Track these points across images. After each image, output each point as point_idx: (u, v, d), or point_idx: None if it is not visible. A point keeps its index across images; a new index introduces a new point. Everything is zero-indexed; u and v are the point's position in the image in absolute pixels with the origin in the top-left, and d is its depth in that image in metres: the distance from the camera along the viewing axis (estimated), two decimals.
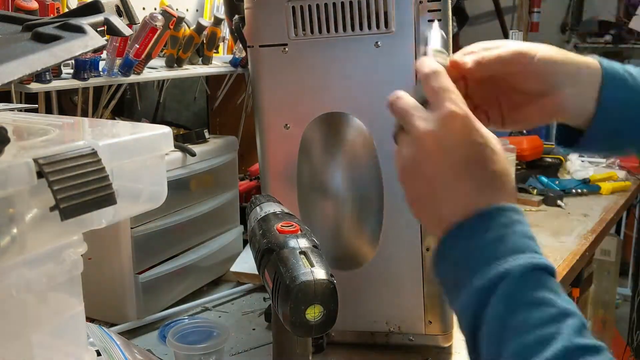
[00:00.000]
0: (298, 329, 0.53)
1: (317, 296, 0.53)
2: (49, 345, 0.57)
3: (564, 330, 0.44)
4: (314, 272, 0.54)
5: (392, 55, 0.81)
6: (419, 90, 0.56)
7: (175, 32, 1.13)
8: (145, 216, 0.99)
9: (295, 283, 0.52)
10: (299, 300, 0.52)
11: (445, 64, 0.59)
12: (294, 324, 0.53)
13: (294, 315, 0.53)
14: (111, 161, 0.49)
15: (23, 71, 0.42)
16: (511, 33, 3.26)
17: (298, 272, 0.54)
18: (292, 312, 0.53)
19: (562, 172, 1.98)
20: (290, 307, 0.52)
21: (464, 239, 0.50)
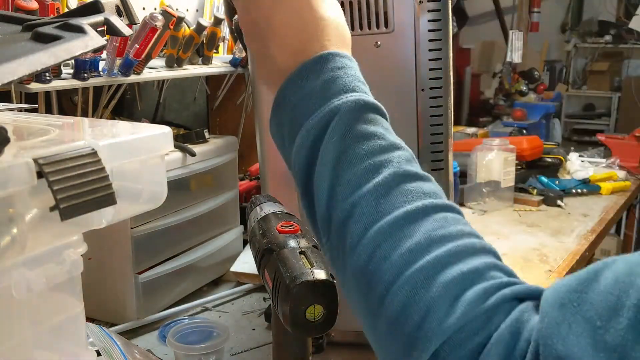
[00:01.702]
0: (298, 329, 0.53)
1: (317, 296, 0.53)
2: (49, 345, 0.57)
3: (393, 159, 0.46)
4: (314, 272, 0.54)
5: (392, 55, 0.81)
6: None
7: (175, 32, 1.13)
8: (145, 216, 0.99)
9: (295, 283, 0.52)
10: (299, 300, 0.52)
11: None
12: (294, 324, 0.53)
13: (294, 315, 0.53)
14: (111, 161, 0.49)
15: (23, 71, 0.42)
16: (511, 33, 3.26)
17: (298, 272, 0.54)
18: (292, 312, 0.52)
19: (562, 172, 1.98)
20: (290, 307, 0.52)
21: (299, 84, 0.51)
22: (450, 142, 0.85)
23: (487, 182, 1.66)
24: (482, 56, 4.70)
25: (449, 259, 0.40)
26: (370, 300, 0.43)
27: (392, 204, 0.44)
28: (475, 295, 0.38)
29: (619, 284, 0.33)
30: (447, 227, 0.43)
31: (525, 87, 3.66)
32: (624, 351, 0.31)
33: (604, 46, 5.03)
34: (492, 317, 0.38)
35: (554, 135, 3.70)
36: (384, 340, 0.42)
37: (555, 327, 0.34)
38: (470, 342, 0.37)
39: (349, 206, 0.45)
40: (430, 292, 0.39)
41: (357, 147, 0.47)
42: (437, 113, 0.83)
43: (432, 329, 0.38)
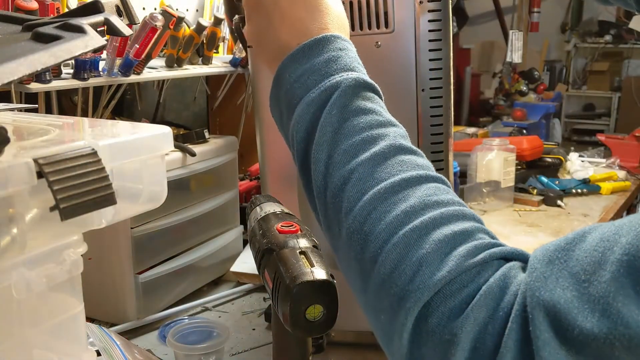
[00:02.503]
0: (298, 329, 0.53)
1: (317, 296, 0.53)
2: (49, 345, 0.57)
3: (389, 134, 0.49)
4: (314, 272, 0.54)
5: (393, 55, 0.81)
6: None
7: (175, 32, 1.13)
8: (145, 216, 0.99)
9: (295, 283, 0.52)
10: (299, 300, 0.52)
11: None
12: (294, 324, 0.53)
13: (294, 315, 0.53)
14: (111, 161, 0.49)
15: (23, 71, 0.42)
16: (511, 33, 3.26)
17: (298, 272, 0.54)
18: (292, 312, 0.52)
19: (562, 172, 1.98)
20: (290, 307, 0.52)
21: (300, 61, 0.53)
22: (450, 142, 0.85)
23: (487, 182, 1.66)
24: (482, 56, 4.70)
25: (441, 220, 0.42)
26: (363, 260, 0.45)
27: (388, 171, 0.46)
28: (466, 251, 0.40)
29: (604, 242, 0.35)
30: (439, 195, 0.45)
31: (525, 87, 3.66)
32: (607, 302, 0.33)
33: (604, 46, 5.03)
34: (481, 271, 0.40)
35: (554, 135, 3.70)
36: (376, 299, 0.44)
37: (543, 280, 0.36)
38: (460, 294, 0.39)
39: (346, 172, 0.47)
40: (422, 248, 0.41)
41: (355, 120, 0.49)
42: (437, 113, 0.83)
43: (424, 281, 0.40)
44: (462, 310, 0.39)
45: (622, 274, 0.33)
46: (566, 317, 0.34)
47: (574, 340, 0.34)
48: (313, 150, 0.50)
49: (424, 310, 0.40)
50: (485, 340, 0.37)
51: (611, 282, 0.33)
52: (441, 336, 0.39)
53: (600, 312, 0.33)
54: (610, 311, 0.33)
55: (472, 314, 0.38)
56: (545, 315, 0.35)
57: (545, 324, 0.35)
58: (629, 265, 0.33)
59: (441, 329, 0.39)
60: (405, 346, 0.41)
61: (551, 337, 0.34)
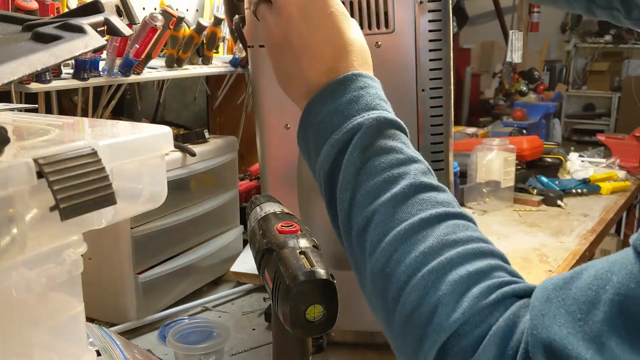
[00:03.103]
0: (298, 329, 0.53)
1: (317, 296, 0.53)
2: (49, 345, 0.57)
3: (410, 172, 0.50)
4: (314, 272, 0.54)
5: (393, 55, 0.81)
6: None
7: (175, 32, 1.13)
8: (145, 216, 0.99)
9: (295, 283, 0.52)
10: (299, 300, 0.52)
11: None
12: (294, 324, 0.53)
13: (294, 315, 0.53)
14: (111, 161, 0.49)
15: (23, 71, 0.42)
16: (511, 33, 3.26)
17: (298, 272, 0.54)
18: (292, 312, 0.52)
19: (562, 172, 1.98)
20: (290, 307, 0.52)
21: (325, 102, 0.54)
22: (450, 142, 0.85)
23: (487, 182, 1.66)
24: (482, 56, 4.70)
25: (457, 260, 0.44)
26: (387, 301, 0.46)
27: (408, 211, 0.47)
28: (479, 291, 0.42)
29: (597, 280, 0.36)
30: (457, 232, 0.46)
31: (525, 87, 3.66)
32: (600, 341, 0.34)
33: (604, 46, 5.03)
34: (493, 311, 0.41)
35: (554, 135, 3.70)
36: (400, 337, 0.45)
37: (541, 318, 0.37)
38: (473, 334, 0.40)
39: (369, 214, 0.49)
40: (439, 290, 0.42)
41: (376, 160, 0.50)
42: (437, 113, 0.83)
43: (441, 323, 0.42)
44: (474, 350, 0.40)
45: (614, 314, 0.34)
46: (562, 354, 0.35)
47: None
48: (337, 190, 0.52)
49: (441, 351, 0.41)
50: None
51: (604, 322, 0.34)
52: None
53: (595, 350, 0.34)
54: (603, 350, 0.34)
55: (484, 353, 0.39)
56: (543, 352, 0.36)
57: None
58: (620, 305, 0.34)
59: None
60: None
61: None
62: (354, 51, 0.57)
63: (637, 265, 0.35)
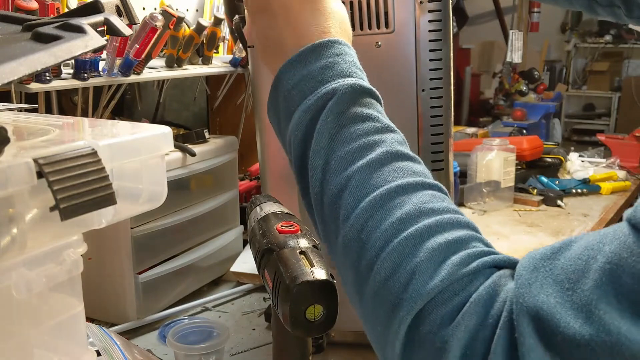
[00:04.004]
0: (298, 329, 0.53)
1: (317, 296, 0.53)
2: (49, 345, 0.57)
3: (386, 140, 0.48)
4: (314, 272, 0.54)
5: (393, 55, 0.81)
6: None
7: (175, 32, 1.13)
8: (145, 216, 0.99)
9: (295, 283, 0.52)
10: (299, 300, 0.52)
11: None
12: (294, 324, 0.53)
13: (294, 315, 0.53)
14: (111, 161, 0.49)
15: (23, 71, 0.42)
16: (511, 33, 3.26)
17: (298, 272, 0.54)
18: (292, 312, 0.52)
19: (562, 172, 1.98)
20: (290, 307, 0.52)
21: (298, 67, 0.53)
22: (450, 142, 0.85)
23: (487, 182, 1.66)
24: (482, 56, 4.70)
25: (436, 228, 0.43)
26: (360, 268, 0.45)
27: (384, 178, 0.46)
28: (459, 259, 0.41)
29: (588, 251, 0.36)
30: (435, 202, 0.45)
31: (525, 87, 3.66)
32: (589, 310, 0.33)
33: (604, 46, 5.03)
34: (472, 280, 0.40)
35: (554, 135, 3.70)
36: (372, 306, 0.44)
37: (527, 287, 0.36)
38: (451, 302, 0.40)
39: (343, 180, 0.47)
40: (416, 257, 0.41)
41: (352, 127, 0.49)
42: (437, 113, 0.83)
43: (418, 290, 0.40)
44: (453, 318, 0.39)
45: (604, 282, 0.33)
46: (549, 323, 0.34)
47: (557, 346, 0.34)
48: (310, 157, 0.50)
49: (416, 319, 0.40)
50: (475, 348, 0.37)
51: (594, 289, 0.34)
52: (432, 344, 0.39)
53: (583, 319, 0.33)
54: (592, 319, 0.33)
55: (463, 321, 0.38)
56: (529, 321, 0.35)
57: (530, 329, 0.35)
58: (611, 273, 0.33)
59: (432, 336, 0.39)
60: (397, 354, 0.41)
61: (536, 343, 0.35)
62: (333, 18, 0.55)
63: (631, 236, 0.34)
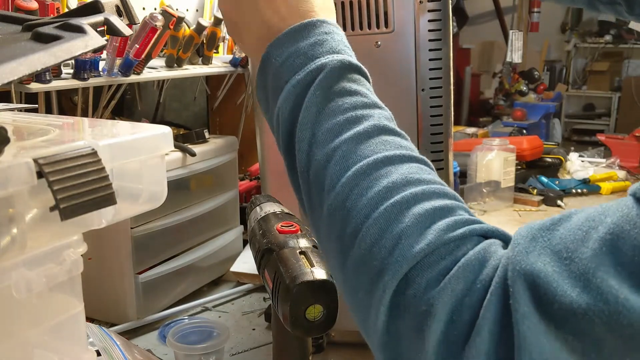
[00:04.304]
0: (298, 329, 0.53)
1: (317, 296, 0.53)
2: (49, 345, 0.57)
3: (374, 115, 0.49)
4: (314, 272, 0.54)
5: (393, 55, 0.81)
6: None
7: (175, 32, 1.13)
8: (145, 216, 0.99)
9: (295, 283, 0.52)
10: (299, 300, 0.52)
11: None
12: (294, 324, 0.53)
13: (294, 315, 0.53)
14: (111, 161, 0.49)
15: (23, 71, 0.42)
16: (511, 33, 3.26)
17: (298, 272, 0.54)
18: (292, 312, 0.53)
19: (562, 172, 1.98)
20: (290, 307, 0.52)
21: (286, 44, 0.53)
22: (450, 142, 0.85)
23: (487, 182, 1.66)
24: (482, 56, 4.70)
25: (422, 196, 0.43)
26: (344, 237, 0.45)
27: (371, 149, 0.46)
28: (446, 225, 0.40)
29: (589, 222, 0.35)
30: (421, 173, 0.45)
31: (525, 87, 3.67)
32: (587, 278, 0.33)
33: (604, 46, 5.03)
34: (459, 245, 0.40)
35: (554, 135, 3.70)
36: (355, 275, 0.44)
37: (524, 254, 0.36)
38: (438, 266, 0.39)
39: (330, 151, 0.47)
40: (402, 222, 0.41)
41: (340, 100, 0.49)
42: (437, 113, 0.83)
43: (403, 254, 0.40)
44: (439, 281, 0.39)
45: (604, 251, 0.33)
46: (546, 291, 0.34)
47: (553, 315, 0.34)
48: (297, 130, 0.50)
49: (401, 283, 0.40)
50: (461, 312, 0.37)
51: (592, 258, 0.33)
52: (417, 308, 0.39)
53: (581, 287, 0.33)
54: (590, 287, 0.32)
55: (450, 285, 0.38)
56: (525, 288, 0.35)
57: (526, 296, 0.34)
58: (612, 244, 0.33)
59: (418, 300, 0.39)
60: (381, 321, 0.41)
61: (531, 311, 0.34)
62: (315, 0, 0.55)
63: (635, 209, 0.34)
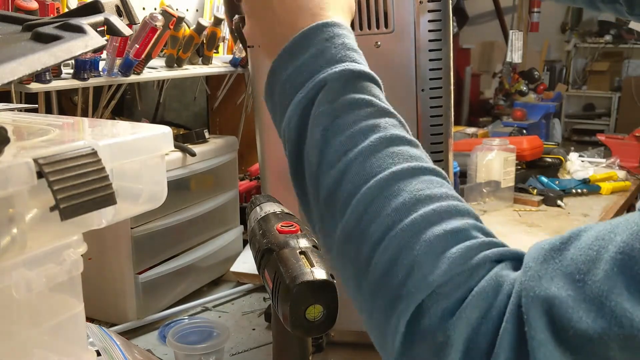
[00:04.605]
0: (298, 329, 0.53)
1: (317, 296, 0.53)
2: (49, 345, 0.57)
3: (380, 124, 0.47)
4: (314, 272, 0.54)
5: (392, 55, 0.81)
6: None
7: (175, 32, 1.13)
8: (145, 216, 0.99)
9: (295, 283, 0.52)
10: (299, 300, 0.52)
11: None
12: (294, 324, 0.53)
13: (294, 315, 0.53)
14: (111, 161, 0.49)
15: (23, 71, 0.42)
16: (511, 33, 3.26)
17: (298, 272, 0.54)
18: (292, 312, 0.53)
19: (562, 172, 1.98)
20: (290, 307, 0.52)
21: (289, 59, 0.52)
22: (450, 142, 0.85)
23: (487, 182, 1.66)
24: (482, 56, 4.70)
25: (433, 218, 0.41)
26: (358, 261, 0.44)
27: (378, 165, 0.45)
28: (459, 253, 0.40)
29: (599, 241, 0.35)
30: (432, 188, 0.44)
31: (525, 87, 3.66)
32: (600, 302, 0.33)
33: (604, 46, 5.03)
34: (473, 273, 0.39)
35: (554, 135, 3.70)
36: (370, 299, 0.43)
37: (538, 280, 0.36)
38: (453, 295, 0.39)
39: (337, 173, 0.46)
40: (414, 250, 0.41)
41: (343, 115, 0.48)
42: (437, 113, 0.83)
43: (417, 284, 0.40)
44: (454, 311, 0.38)
45: (615, 272, 0.33)
46: (561, 317, 0.34)
47: (569, 341, 0.33)
48: (305, 152, 0.49)
49: (416, 313, 0.39)
50: (478, 341, 0.37)
51: (604, 280, 0.33)
52: (434, 338, 0.39)
53: (595, 312, 0.33)
54: (604, 311, 0.32)
55: (465, 314, 0.38)
56: (541, 315, 0.34)
57: (542, 323, 0.34)
58: (623, 264, 0.33)
59: (434, 330, 0.39)
60: (397, 347, 0.40)
61: (547, 338, 0.34)
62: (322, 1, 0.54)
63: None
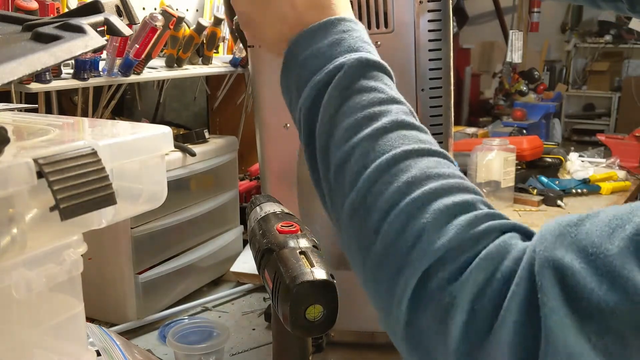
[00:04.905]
0: (298, 329, 0.53)
1: (317, 296, 0.53)
2: (49, 345, 0.57)
3: (392, 110, 0.49)
4: (314, 272, 0.54)
5: (392, 55, 0.81)
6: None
7: (175, 32, 1.13)
8: (145, 216, 0.99)
9: (295, 283, 0.52)
10: (299, 300, 0.52)
11: None
12: (294, 324, 0.53)
13: (294, 315, 0.53)
14: (111, 161, 0.49)
15: (23, 71, 0.42)
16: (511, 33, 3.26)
17: (298, 272, 0.54)
18: (292, 312, 0.53)
19: (562, 172, 1.98)
20: (290, 307, 0.52)
21: (306, 45, 0.54)
22: (450, 142, 0.85)
23: (487, 182, 1.66)
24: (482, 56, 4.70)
25: (442, 191, 0.43)
26: (366, 233, 0.45)
27: (390, 144, 0.47)
28: (466, 221, 0.41)
29: (616, 219, 0.35)
30: (441, 167, 0.46)
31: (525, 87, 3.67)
32: (612, 276, 0.33)
33: (604, 46, 5.03)
34: (480, 239, 0.40)
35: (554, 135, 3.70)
36: (377, 271, 0.44)
37: (552, 250, 0.36)
38: (459, 259, 0.40)
39: (349, 149, 0.48)
40: (423, 218, 0.42)
41: (357, 98, 0.50)
42: (437, 113, 0.83)
43: (424, 249, 0.41)
44: (461, 274, 0.39)
45: (631, 251, 0.33)
46: (574, 287, 0.34)
47: (581, 311, 0.34)
48: (317, 130, 0.51)
49: (423, 277, 0.40)
50: (483, 302, 0.38)
51: (617, 256, 0.33)
52: (440, 300, 0.39)
53: (608, 285, 0.33)
54: (615, 285, 0.33)
55: (471, 276, 0.38)
56: (555, 283, 0.35)
57: (555, 290, 0.35)
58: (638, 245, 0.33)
59: (440, 293, 0.39)
60: (404, 315, 0.41)
61: (559, 306, 0.34)
62: None
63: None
